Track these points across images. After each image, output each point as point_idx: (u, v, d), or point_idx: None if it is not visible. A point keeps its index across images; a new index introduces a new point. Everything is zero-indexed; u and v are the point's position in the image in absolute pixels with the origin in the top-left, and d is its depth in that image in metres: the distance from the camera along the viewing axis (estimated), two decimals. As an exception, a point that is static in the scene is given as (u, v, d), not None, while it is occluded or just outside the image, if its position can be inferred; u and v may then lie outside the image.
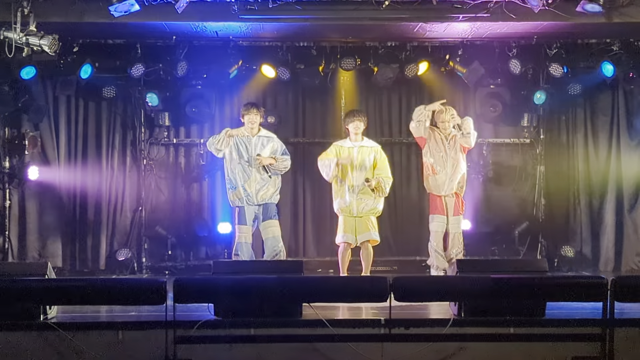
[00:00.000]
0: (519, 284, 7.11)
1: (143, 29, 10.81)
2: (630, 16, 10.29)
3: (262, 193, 10.31)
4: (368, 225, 10.27)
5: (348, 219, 10.27)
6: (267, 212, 10.34)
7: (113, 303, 7.63)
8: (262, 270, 7.70)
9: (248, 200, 10.28)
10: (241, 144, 10.32)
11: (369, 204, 10.28)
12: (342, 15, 10.37)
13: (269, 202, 10.36)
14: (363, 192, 10.24)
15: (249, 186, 10.27)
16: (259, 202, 10.31)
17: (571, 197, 12.48)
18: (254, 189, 10.27)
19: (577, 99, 12.37)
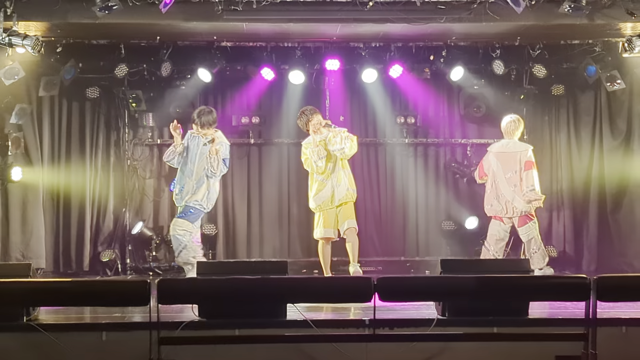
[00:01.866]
0: (503, 284, 7.12)
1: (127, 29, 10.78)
2: (612, 17, 10.35)
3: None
4: (350, 212, 10.06)
5: (328, 212, 10.10)
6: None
7: (97, 304, 7.58)
8: (246, 271, 7.69)
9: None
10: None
11: (343, 190, 10.04)
12: (326, 16, 10.38)
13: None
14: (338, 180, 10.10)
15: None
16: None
17: (555, 198, 12.54)
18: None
19: (560, 99, 12.44)
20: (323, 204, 10.07)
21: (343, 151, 9.91)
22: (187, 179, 9.95)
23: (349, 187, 10.07)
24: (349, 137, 9.96)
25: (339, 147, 9.90)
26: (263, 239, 12.46)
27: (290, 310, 7.43)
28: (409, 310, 7.91)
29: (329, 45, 11.80)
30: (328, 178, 10.03)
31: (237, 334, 7.21)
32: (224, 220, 12.41)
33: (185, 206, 9.96)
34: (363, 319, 7.36)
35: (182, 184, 9.99)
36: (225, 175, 12.41)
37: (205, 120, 9.87)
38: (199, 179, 9.91)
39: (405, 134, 12.53)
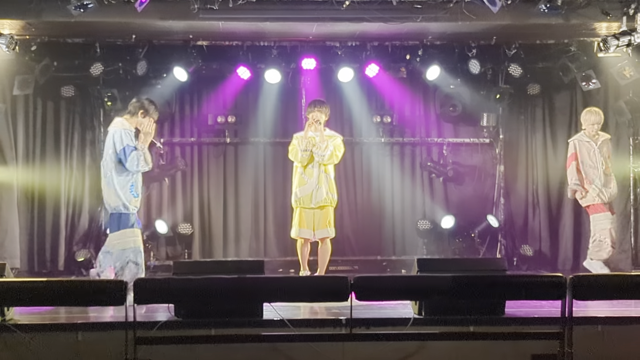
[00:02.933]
0: (479, 283, 7.15)
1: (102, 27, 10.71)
2: (587, 17, 10.40)
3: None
4: (327, 220, 10.04)
5: (306, 211, 10.04)
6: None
7: (72, 304, 7.55)
8: (222, 271, 7.67)
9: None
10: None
11: (322, 193, 9.99)
12: (302, 15, 10.36)
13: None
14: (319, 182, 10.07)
15: None
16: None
17: (530, 197, 12.61)
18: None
19: (536, 99, 12.51)
20: (302, 200, 10.02)
21: (323, 158, 9.93)
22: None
23: (329, 192, 10.02)
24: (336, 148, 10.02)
25: (320, 153, 9.92)
26: (239, 238, 12.43)
27: (267, 309, 7.42)
28: (385, 309, 7.92)
29: (305, 45, 11.79)
30: (311, 177, 10.00)
31: (213, 334, 7.20)
32: (199, 220, 12.37)
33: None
34: (340, 318, 7.37)
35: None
36: (201, 174, 12.44)
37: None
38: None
39: (381, 133, 12.54)
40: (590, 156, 10.29)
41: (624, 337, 7.42)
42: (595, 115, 10.34)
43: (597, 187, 10.23)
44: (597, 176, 10.25)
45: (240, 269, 7.78)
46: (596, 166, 10.26)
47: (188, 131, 12.47)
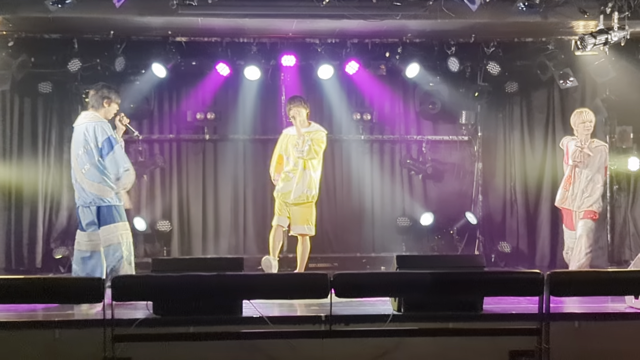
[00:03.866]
0: (457, 280, 7.18)
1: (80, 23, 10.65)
2: (565, 15, 10.46)
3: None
4: (305, 217, 10.00)
5: (282, 203, 10.02)
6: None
7: (50, 301, 7.52)
8: (201, 268, 7.66)
9: None
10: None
11: (299, 190, 9.97)
12: (282, 11, 10.36)
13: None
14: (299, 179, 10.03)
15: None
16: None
17: (508, 194, 12.68)
18: None
19: (514, 97, 12.56)
20: (281, 194, 10.04)
21: (302, 153, 9.94)
22: None
23: (307, 189, 9.98)
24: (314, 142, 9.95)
25: (299, 149, 9.96)
26: (218, 235, 12.41)
27: (246, 306, 7.42)
28: (365, 306, 7.93)
29: (284, 41, 11.78)
30: (295, 173, 10.01)
31: (192, 331, 7.18)
32: (178, 217, 12.34)
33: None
34: (319, 315, 7.37)
35: None
36: (180, 171, 12.41)
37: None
38: None
39: (361, 130, 12.56)
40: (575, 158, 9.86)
41: (601, 333, 7.48)
42: (585, 115, 9.91)
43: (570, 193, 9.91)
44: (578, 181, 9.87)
45: (220, 266, 7.77)
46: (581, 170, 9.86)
47: (167, 128, 12.43)
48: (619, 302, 8.18)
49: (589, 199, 9.86)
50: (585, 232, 9.79)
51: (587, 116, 9.93)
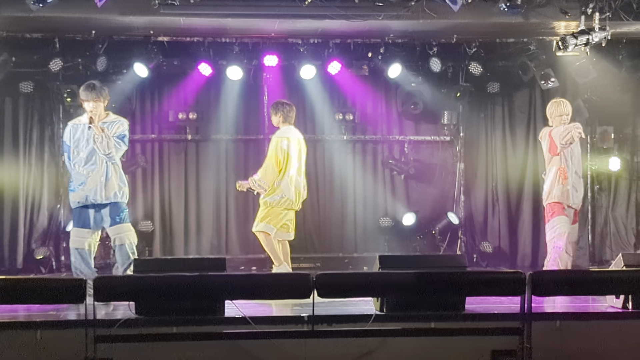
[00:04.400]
0: (439, 280, 7.19)
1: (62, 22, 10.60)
2: (546, 16, 10.50)
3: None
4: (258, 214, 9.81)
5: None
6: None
7: (31, 302, 7.48)
8: (184, 268, 7.64)
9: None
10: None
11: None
12: (264, 11, 10.35)
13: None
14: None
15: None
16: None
17: (490, 194, 12.72)
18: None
19: (496, 97, 12.61)
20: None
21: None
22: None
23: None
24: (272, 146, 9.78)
25: None
26: (201, 235, 12.39)
27: (229, 307, 7.40)
28: (347, 306, 7.93)
29: (267, 41, 11.77)
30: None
31: (174, 332, 7.16)
32: (160, 217, 12.31)
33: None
34: (302, 315, 7.37)
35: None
36: (162, 171, 12.37)
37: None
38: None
39: (343, 130, 12.57)
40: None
41: (582, 332, 7.51)
42: (562, 106, 9.69)
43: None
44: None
45: (202, 266, 7.75)
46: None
47: (149, 128, 12.40)
48: (600, 302, 8.23)
49: (578, 196, 9.64)
50: (574, 239, 9.73)
51: (565, 108, 9.65)
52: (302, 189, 9.80)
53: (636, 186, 12.58)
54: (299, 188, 9.73)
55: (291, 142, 9.68)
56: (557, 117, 9.63)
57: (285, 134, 9.73)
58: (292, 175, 9.66)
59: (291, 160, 9.63)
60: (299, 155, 9.75)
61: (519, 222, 12.62)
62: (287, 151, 9.63)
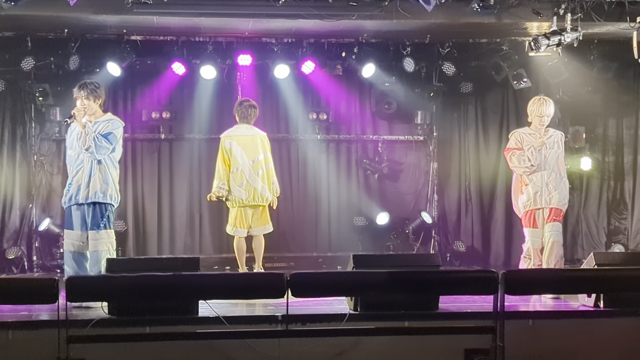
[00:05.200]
0: (413, 279, 7.21)
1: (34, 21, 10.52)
2: (519, 16, 10.56)
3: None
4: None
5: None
6: None
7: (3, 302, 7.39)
8: (157, 268, 7.61)
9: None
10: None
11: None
12: (238, 10, 10.33)
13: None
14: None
15: None
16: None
17: (463, 193, 12.78)
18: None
19: (469, 97, 12.66)
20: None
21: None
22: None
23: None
24: None
25: None
26: (174, 235, 12.35)
27: (202, 307, 7.39)
28: (321, 305, 7.95)
29: (241, 41, 11.76)
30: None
31: (147, 332, 7.14)
32: (133, 216, 12.25)
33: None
34: (276, 314, 7.38)
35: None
36: (135, 171, 12.31)
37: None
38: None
39: (317, 130, 12.58)
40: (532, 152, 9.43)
41: (555, 331, 7.57)
42: (545, 106, 9.43)
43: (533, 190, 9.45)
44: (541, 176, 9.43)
45: (175, 266, 7.74)
46: (542, 165, 9.45)
47: (122, 127, 12.32)
48: (572, 301, 8.30)
49: (557, 194, 9.40)
50: (558, 238, 9.45)
51: (547, 109, 9.43)
52: (259, 185, 9.90)
53: (607, 186, 12.70)
54: (250, 185, 9.87)
55: (234, 140, 9.93)
56: (537, 117, 9.48)
57: (230, 133, 10.04)
58: (237, 173, 9.86)
59: (234, 159, 9.86)
60: (250, 153, 9.90)
61: (492, 221, 12.68)
62: (229, 150, 9.88)
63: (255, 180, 9.87)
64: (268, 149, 10.04)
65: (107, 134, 8.68)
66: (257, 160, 9.93)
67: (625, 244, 12.43)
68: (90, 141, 8.56)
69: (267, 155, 10.02)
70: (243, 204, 9.90)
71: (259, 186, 9.88)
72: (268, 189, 9.96)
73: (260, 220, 10.01)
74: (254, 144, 9.94)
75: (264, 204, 9.98)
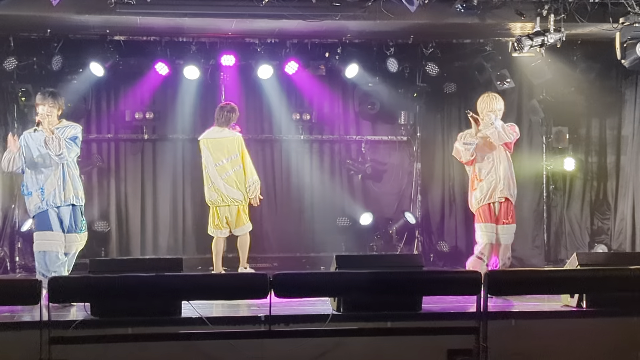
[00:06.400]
0: (396, 279, 7.23)
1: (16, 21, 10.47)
2: (502, 17, 10.59)
3: None
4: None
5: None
6: None
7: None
8: (140, 269, 7.59)
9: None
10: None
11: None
12: (221, 11, 10.31)
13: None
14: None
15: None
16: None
17: (447, 194, 12.79)
18: None
19: (452, 97, 12.68)
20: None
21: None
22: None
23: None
24: None
25: None
26: (157, 235, 12.32)
27: (185, 307, 7.37)
28: (304, 306, 7.94)
29: (224, 41, 11.74)
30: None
31: (130, 332, 7.12)
32: (116, 217, 12.22)
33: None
34: (259, 315, 7.36)
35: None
36: (119, 171, 12.27)
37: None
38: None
39: (300, 130, 12.58)
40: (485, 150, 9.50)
41: (537, 331, 7.59)
42: (495, 101, 9.49)
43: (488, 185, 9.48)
44: (494, 172, 9.48)
45: (158, 266, 7.72)
46: (493, 161, 9.49)
47: (105, 127, 12.30)
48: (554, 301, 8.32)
49: (506, 185, 9.42)
50: (509, 242, 9.63)
51: (497, 104, 9.47)
52: (222, 186, 10.16)
53: (590, 186, 12.73)
54: (215, 186, 10.19)
55: (203, 143, 10.34)
56: (489, 112, 9.47)
57: (203, 135, 10.46)
58: (206, 174, 10.26)
59: (204, 161, 10.29)
60: (216, 156, 10.20)
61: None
62: (201, 152, 10.36)
63: (218, 182, 10.19)
64: (238, 151, 10.23)
65: (74, 137, 8.95)
66: (222, 163, 10.21)
67: (608, 244, 12.47)
68: (62, 146, 8.73)
69: (236, 158, 10.22)
70: (214, 204, 10.25)
71: (222, 187, 10.16)
72: (237, 189, 10.16)
73: (237, 220, 10.24)
74: (220, 146, 10.21)
75: (235, 204, 10.20)
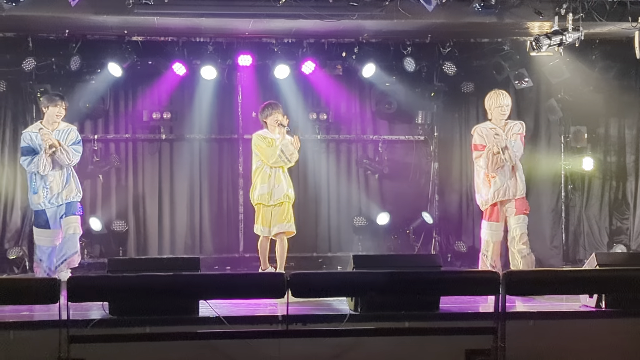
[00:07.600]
0: (414, 279, 7.21)
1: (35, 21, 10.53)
2: (520, 16, 10.56)
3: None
4: (280, 215, 9.81)
5: (265, 209, 9.76)
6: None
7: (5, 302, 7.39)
8: (158, 268, 7.62)
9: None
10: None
11: (281, 191, 9.81)
12: (238, 11, 10.33)
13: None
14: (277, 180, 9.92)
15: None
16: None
17: (464, 194, 12.75)
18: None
19: (470, 97, 12.65)
20: (261, 198, 9.81)
21: (289, 161, 9.84)
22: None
23: (288, 189, 9.86)
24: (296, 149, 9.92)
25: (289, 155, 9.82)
26: (174, 235, 12.34)
27: (203, 307, 7.39)
28: (321, 305, 7.94)
29: (241, 41, 11.76)
30: (270, 177, 9.84)
31: (148, 332, 7.14)
32: (134, 217, 12.25)
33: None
34: (276, 315, 7.37)
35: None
36: (136, 171, 12.32)
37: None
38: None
39: (317, 130, 12.57)
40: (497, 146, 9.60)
41: (556, 331, 7.56)
42: (502, 98, 9.68)
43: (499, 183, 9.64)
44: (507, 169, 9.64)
45: (176, 266, 7.75)
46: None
47: (122, 127, 12.33)
48: (573, 301, 8.29)
49: (521, 185, 9.70)
50: (525, 230, 9.80)
51: (504, 100, 9.67)
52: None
53: (609, 186, 12.68)
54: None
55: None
56: (497, 108, 9.67)
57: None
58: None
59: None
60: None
61: (493, 221, 12.65)
62: None
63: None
64: (254, 150, 9.90)
65: (77, 141, 9.69)
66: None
67: (627, 244, 12.42)
68: (71, 156, 9.61)
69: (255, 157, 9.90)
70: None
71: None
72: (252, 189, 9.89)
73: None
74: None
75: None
